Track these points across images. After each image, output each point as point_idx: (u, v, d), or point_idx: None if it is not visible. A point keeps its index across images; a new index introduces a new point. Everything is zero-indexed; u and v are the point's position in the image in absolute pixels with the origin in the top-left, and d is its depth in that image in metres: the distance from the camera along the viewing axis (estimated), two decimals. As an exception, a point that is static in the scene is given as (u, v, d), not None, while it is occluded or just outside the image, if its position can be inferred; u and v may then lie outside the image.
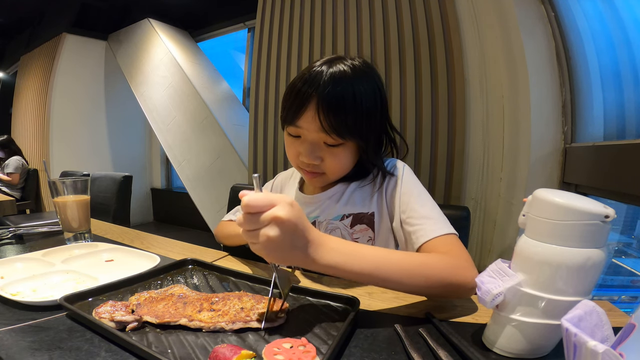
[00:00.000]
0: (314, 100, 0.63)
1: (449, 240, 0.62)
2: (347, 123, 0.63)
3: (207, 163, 3.15)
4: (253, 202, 0.43)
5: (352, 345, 0.45)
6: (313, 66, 0.66)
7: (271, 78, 1.99)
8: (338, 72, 0.63)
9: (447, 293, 0.56)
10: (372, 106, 0.66)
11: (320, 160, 0.68)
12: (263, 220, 0.43)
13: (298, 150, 0.69)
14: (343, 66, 0.65)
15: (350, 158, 0.70)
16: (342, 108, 0.62)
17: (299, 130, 0.67)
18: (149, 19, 3.74)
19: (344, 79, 0.63)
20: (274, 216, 0.43)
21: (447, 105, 1.48)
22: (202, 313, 0.50)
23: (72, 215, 0.90)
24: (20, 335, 0.45)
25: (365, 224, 0.74)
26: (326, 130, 0.63)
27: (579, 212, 0.37)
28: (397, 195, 0.71)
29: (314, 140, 0.67)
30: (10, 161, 3.66)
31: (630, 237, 1.47)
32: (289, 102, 0.67)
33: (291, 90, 0.67)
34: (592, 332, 0.31)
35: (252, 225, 0.44)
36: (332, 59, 0.67)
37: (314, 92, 0.63)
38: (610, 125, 1.16)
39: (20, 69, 4.57)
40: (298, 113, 0.65)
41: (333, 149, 0.67)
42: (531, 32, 1.24)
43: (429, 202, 0.69)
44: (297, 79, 0.67)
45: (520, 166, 1.29)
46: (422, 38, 1.52)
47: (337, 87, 0.62)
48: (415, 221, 0.66)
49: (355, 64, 0.66)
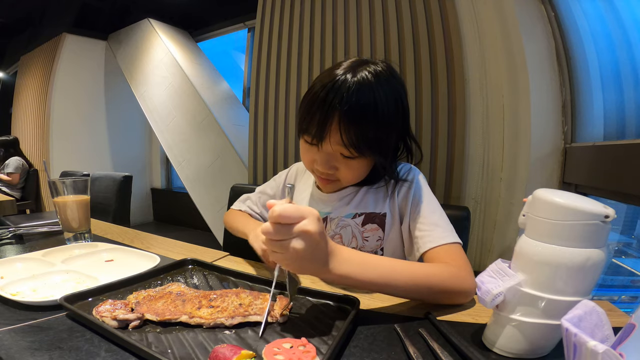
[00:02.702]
0: (336, 114, 0.61)
1: (453, 249, 0.65)
2: (367, 138, 0.62)
3: (207, 163, 3.15)
4: (286, 214, 0.43)
5: (352, 345, 0.45)
6: (335, 74, 0.63)
7: (271, 78, 1.99)
8: (363, 84, 0.61)
9: (446, 300, 0.59)
10: (393, 117, 0.64)
11: (335, 170, 0.69)
12: (293, 232, 0.44)
13: (314, 157, 0.69)
14: (367, 75, 0.62)
15: (366, 169, 0.71)
16: (364, 123, 0.61)
17: (322, 143, 0.65)
18: (149, 19, 3.74)
19: (369, 92, 0.61)
20: (303, 230, 0.44)
21: (447, 105, 1.48)
22: (202, 310, 0.50)
23: (72, 215, 0.89)
24: (20, 335, 0.45)
25: (377, 224, 0.75)
26: (345, 144, 0.62)
27: (579, 212, 0.37)
28: (409, 200, 0.73)
29: (331, 151, 0.66)
30: (10, 161, 3.66)
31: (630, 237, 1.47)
32: (310, 112, 0.64)
33: (314, 99, 0.64)
34: (592, 332, 0.31)
35: (281, 235, 0.44)
36: (354, 65, 0.64)
37: (337, 105, 0.60)
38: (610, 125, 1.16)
39: (20, 69, 4.57)
40: (319, 124, 0.63)
41: (349, 160, 0.67)
42: (531, 33, 1.24)
43: (437, 209, 0.71)
44: (319, 86, 0.63)
45: (520, 166, 1.29)
46: (422, 38, 1.52)
47: (361, 100, 0.60)
48: (424, 227, 0.68)
49: (381, 74, 0.63)
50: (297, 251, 0.44)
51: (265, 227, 0.45)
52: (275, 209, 0.44)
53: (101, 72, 4.25)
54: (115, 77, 4.20)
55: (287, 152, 1.97)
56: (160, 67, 3.50)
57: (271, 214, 0.44)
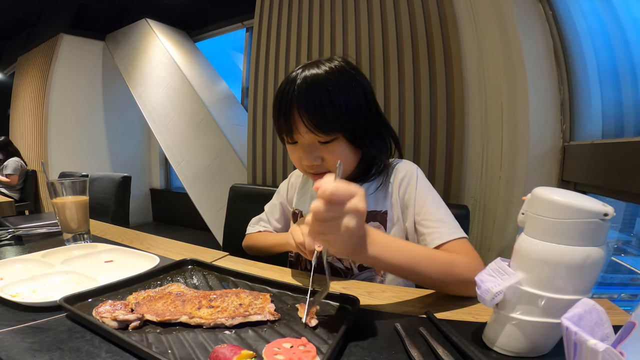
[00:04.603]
0: (293, 105, 0.67)
1: (463, 243, 0.66)
2: (328, 119, 0.66)
3: (206, 163, 3.14)
4: (338, 191, 0.43)
5: (353, 345, 0.45)
6: (290, 74, 0.70)
7: (270, 78, 1.98)
8: (310, 75, 0.67)
9: (464, 290, 0.59)
10: (352, 99, 0.68)
11: (320, 160, 0.70)
12: (346, 210, 0.43)
13: (299, 155, 0.72)
14: (316, 69, 0.68)
15: (348, 152, 0.71)
16: (319, 106, 0.65)
17: (293, 136, 0.70)
18: (146, 19, 3.73)
19: (316, 80, 0.66)
20: (355, 207, 0.44)
21: (446, 104, 1.48)
22: (202, 310, 0.50)
23: (71, 216, 0.89)
24: (20, 337, 0.45)
25: (378, 222, 0.76)
26: (311, 129, 0.66)
27: (578, 210, 0.37)
28: (412, 197, 0.74)
29: (307, 141, 0.69)
30: (9, 162, 3.65)
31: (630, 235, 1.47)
32: (276, 113, 0.71)
33: (275, 101, 0.71)
34: (592, 331, 0.31)
35: (334, 212, 0.43)
36: (307, 64, 0.70)
37: (292, 98, 0.67)
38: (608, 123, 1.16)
39: (18, 69, 4.55)
40: (284, 120, 0.69)
41: (327, 145, 0.69)
42: (529, 31, 1.24)
43: (442, 206, 0.73)
44: (278, 88, 0.71)
45: (519, 164, 1.29)
46: (421, 37, 1.52)
47: (311, 88, 0.66)
48: (431, 224, 0.70)
49: (332, 65, 0.69)
50: (349, 229, 0.44)
51: (315, 206, 0.43)
52: (326, 187, 0.42)
53: (99, 73, 4.24)
54: (113, 77, 4.19)
55: (286, 151, 1.96)
56: (158, 67, 3.49)
57: (322, 193, 0.43)
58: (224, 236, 1.36)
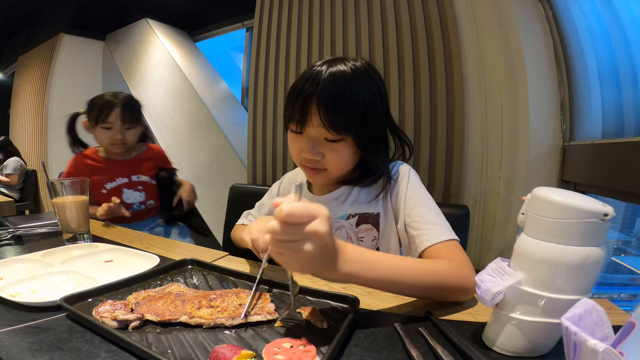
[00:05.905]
0: (314, 98, 0.65)
1: (452, 246, 0.65)
2: (344, 119, 0.65)
3: (206, 163, 3.14)
4: (295, 213, 0.40)
5: (352, 345, 0.45)
6: (314, 66, 0.68)
7: (270, 77, 1.98)
8: (337, 72, 0.65)
9: (450, 296, 0.58)
10: (370, 105, 0.67)
11: (321, 156, 0.70)
12: (304, 233, 0.41)
13: (300, 146, 0.71)
14: (343, 66, 0.66)
15: (351, 154, 0.71)
16: (339, 105, 0.64)
17: (304, 127, 0.69)
18: (146, 19, 3.72)
19: (342, 78, 0.65)
20: (314, 231, 0.41)
21: (446, 103, 1.48)
22: (202, 310, 0.50)
23: (71, 216, 0.89)
24: (20, 336, 0.45)
25: (371, 224, 0.75)
26: (325, 125, 0.65)
27: (578, 211, 0.37)
28: (402, 199, 0.73)
29: (314, 135, 0.68)
30: (9, 162, 3.65)
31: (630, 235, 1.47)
32: (292, 101, 0.69)
33: (293, 90, 0.69)
34: (592, 331, 0.31)
35: (290, 236, 0.41)
36: (332, 60, 0.68)
37: (314, 90, 0.65)
38: (608, 123, 1.16)
39: (18, 69, 4.55)
40: (300, 110, 0.67)
41: (333, 144, 0.68)
42: (529, 31, 1.24)
43: (433, 207, 0.71)
44: (299, 79, 0.69)
45: (519, 164, 1.29)
46: (421, 37, 1.52)
47: (336, 85, 0.64)
48: (420, 225, 0.68)
49: (357, 64, 0.68)
50: (307, 254, 0.41)
51: (272, 225, 0.41)
52: (282, 207, 0.40)
53: (99, 73, 4.23)
54: (113, 77, 4.17)
55: (286, 151, 1.96)
56: (158, 67, 3.49)
57: (278, 213, 0.40)
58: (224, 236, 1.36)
